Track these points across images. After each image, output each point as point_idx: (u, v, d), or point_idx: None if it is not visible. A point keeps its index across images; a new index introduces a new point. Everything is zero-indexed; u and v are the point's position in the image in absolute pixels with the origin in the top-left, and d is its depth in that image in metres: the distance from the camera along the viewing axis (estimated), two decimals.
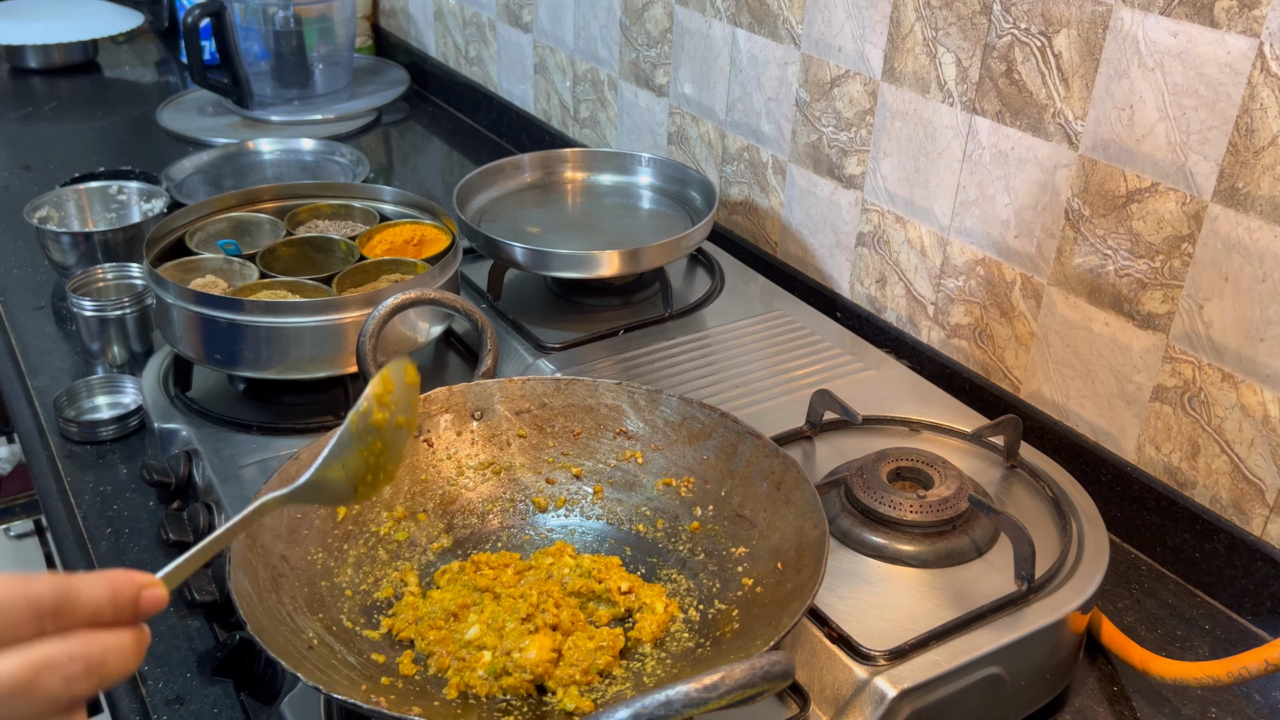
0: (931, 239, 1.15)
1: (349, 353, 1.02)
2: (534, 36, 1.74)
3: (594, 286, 1.23)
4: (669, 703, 0.52)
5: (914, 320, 1.20)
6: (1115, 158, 0.95)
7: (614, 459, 0.88)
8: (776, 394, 1.04)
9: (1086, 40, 0.95)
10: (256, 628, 0.66)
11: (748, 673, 0.52)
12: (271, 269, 1.11)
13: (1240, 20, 0.84)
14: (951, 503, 0.84)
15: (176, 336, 1.03)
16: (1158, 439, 0.98)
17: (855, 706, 0.73)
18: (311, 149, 1.69)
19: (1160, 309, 0.95)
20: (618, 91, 1.59)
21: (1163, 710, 0.84)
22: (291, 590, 0.73)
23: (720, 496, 0.84)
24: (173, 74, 2.19)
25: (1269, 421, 0.89)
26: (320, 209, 1.23)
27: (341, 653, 0.71)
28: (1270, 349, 0.88)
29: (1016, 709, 0.81)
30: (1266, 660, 0.72)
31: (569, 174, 1.38)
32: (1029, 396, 1.09)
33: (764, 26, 1.29)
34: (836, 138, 1.24)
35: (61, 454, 1.09)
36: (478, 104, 1.94)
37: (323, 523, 0.79)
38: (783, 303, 1.22)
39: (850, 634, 0.76)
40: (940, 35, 1.08)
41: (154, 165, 1.58)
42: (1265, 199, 0.85)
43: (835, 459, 0.94)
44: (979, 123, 1.06)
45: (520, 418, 0.89)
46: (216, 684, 0.84)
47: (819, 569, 0.70)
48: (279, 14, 1.85)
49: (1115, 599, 0.95)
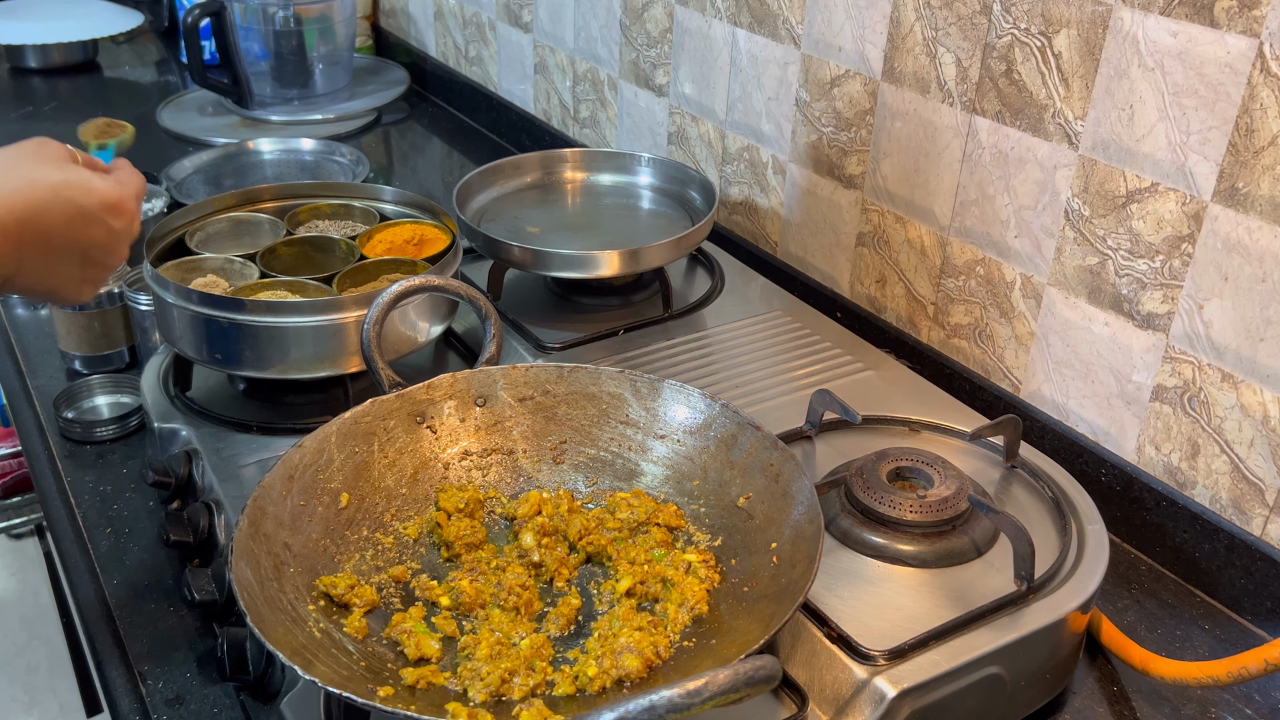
0: (931, 239, 1.15)
1: (349, 352, 1.02)
2: (534, 36, 1.74)
3: (594, 286, 1.23)
4: (652, 707, 0.52)
5: (914, 320, 1.20)
6: (1115, 158, 0.95)
7: (615, 447, 0.89)
8: (776, 394, 1.04)
9: (1086, 40, 0.95)
10: (257, 619, 0.66)
11: (732, 678, 0.52)
12: (271, 269, 1.11)
13: (1240, 20, 0.84)
14: (951, 503, 0.84)
15: (176, 336, 1.03)
16: (1158, 439, 0.98)
17: (855, 706, 0.73)
18: (311, 149, 1.69)
19: (1160, 309, 0.95)
20: (618, 91, 1.59)
21: (1163, 710, 0.84)
22: (294, 579, 0.73)
23: (719, 487, 0.84)
24: (173, 74, 2.19)
25: (1269, 421, 0.89)
26: (320, 209, 1.23)
27: (343, 642, 0.71)
28: (1270, 349, 0.88)
29: (1016, 709, 0.81)
30: (1266, 660, 0.72)
31: (569, 174, 1.38)
32: (1029, 396, 1.09)
33: (764, 26, 1.29)
34: (836, 138, 1.24)
35: (61, 454, 1.09)
36: (478, 104, 1.94)
37: (326, 510, 0.80)
38: (783, 303, 1.22)
39: (850, 634, 0.76)
40: (940, 35, 1.08)
41: (154, 165, 1.58)
42: (1265, 199, 0.85)
43: (835, 459, 0.94)
44: (979, 123, 1.07)
45: (523, 404, 0.90)
46: (216, 684, 0.84)
47: (812, 566, 0.70)
48: (279, 14, 1.85)
49: (1115, 599, 0.95)
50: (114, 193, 0.79)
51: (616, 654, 0.70)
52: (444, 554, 0.82)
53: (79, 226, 0.77)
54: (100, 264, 0.80)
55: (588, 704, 0.69)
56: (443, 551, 0.82)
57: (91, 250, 0.79)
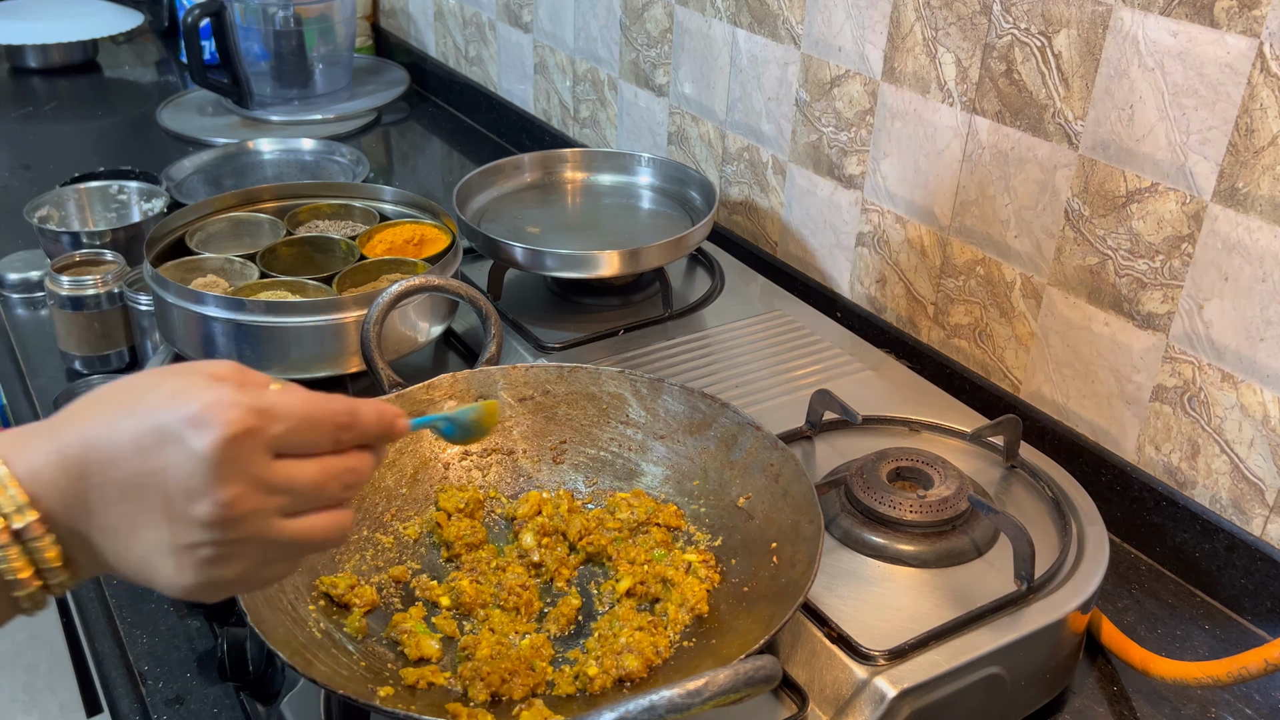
0: (931, 239, 1.15)
1: (349, 353, 1.02)
2: (534, 36, 1.74)
3: (594, 286, 1.23)
4: (652, 707, 0.52)
5: (914, 320, 1.20)
6: (1115, 158, 0.95)
7: (615, 447, 0.89)
8: (776, 394, 1.04)
9: (1086, 40, 0.95)
10: (257, 619, 0.66)
11: (732, 678, 0.52)
12: (271, 269, 1.11)
13: (1240, 20, 0.84)
14: (951, 503, 0.84)
15: (176, 336, 1.03)
16: (1158, 439, 0.98)
17: (855, 706, 0.73)
18: (311, 149, 1.69)
19: (1160, 309, 0.95)
20: (618, 91, 1.59)
21: (1163, 710, 0.84)
22: (294, 579, 0.73)
23: (719, 487, 0.84)
24: (173, 74, 2.19)
25: (1269, 421, 0.89)
26: (320, 209, 1.23)
27: (343, 642, 0.71)
28: (1270, 349, 0.88)
29: (1016, 709, 0.81)
30: (1266, 660, 0.72)
31: (569, 174, 1.38)
32: (1029, 396, 1.09)
33: (764, 26, 1.29)
34: (836, 138, 1.24)
35: None
36: (478, 104, 1.94)
37: None
38: (783, 303, 1.22)
39: (850, 634, 0.76)
40: (940, 35, 1.08)
41: (154, 165, 1.58)
42: (1265, 199, 0.85)
43: (835, 459, 0.94)
44: (979, 123, 1.07)
45: (523, 404, 0.90)
46: (216, 684, 0.84)
47: (812, 566, 0.71)
48: (279, 14, 1.85)
49: (1115, 599, 0.95)
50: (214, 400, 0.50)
51: (617, 654, 0.70)
52: (444, 554, 0.82)
53: (150, 449, 0.49)
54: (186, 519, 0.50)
55: (588, 704, 0.69)
56: (443, 551, 0.82)
57: (171, 491, 0.49)
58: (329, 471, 0.53)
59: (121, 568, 0.51)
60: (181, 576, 0.50)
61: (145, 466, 0.49)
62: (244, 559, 0.51)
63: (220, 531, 0.50)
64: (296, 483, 0.52)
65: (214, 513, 0.49)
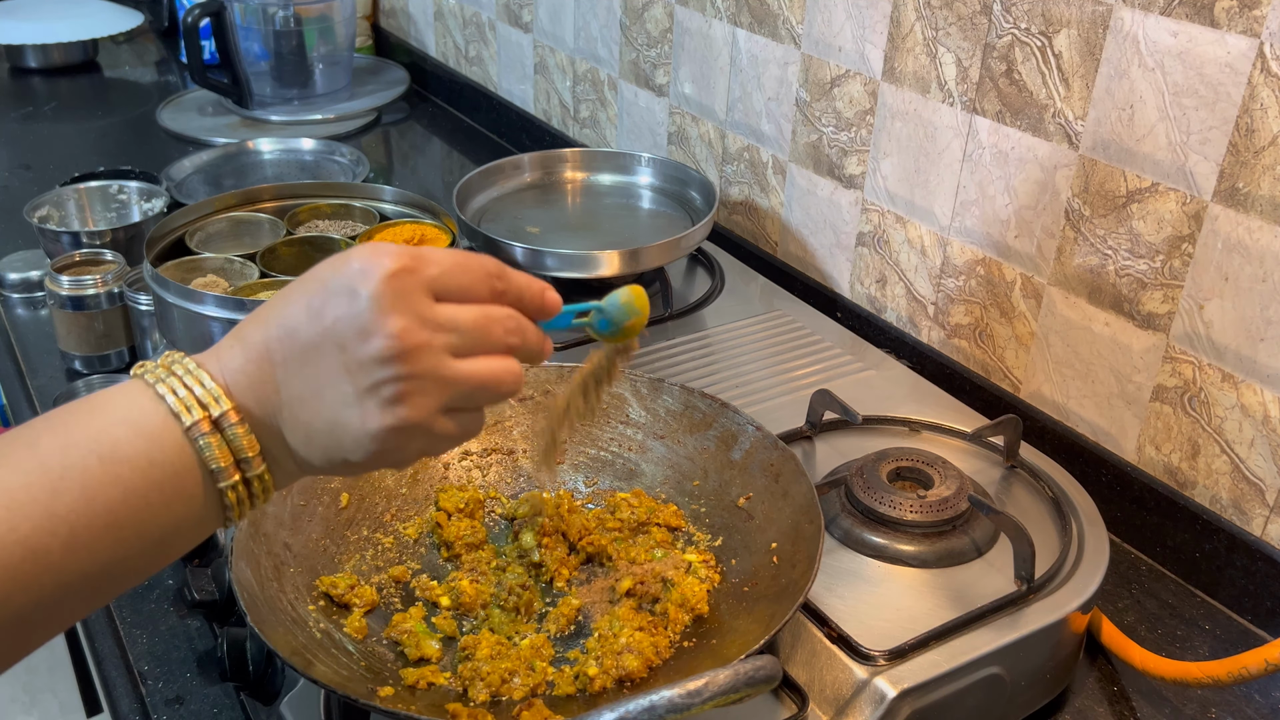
0: (931, 239, 1.15)
1: None
2: (534, 36, 1.74)
3: (594, 286, 1.23)
4: (652, 707, 0.52)
5: (914, 320, 1.20)
6: (1115, 158, 0.95)
7: (615, 447, 0.89)
8: (776, 394, 1.04)
9: (1086, 40, 0.95)
10: (257, 619, 0.66)
11: (732, 678, 0.52)
12: (271, 269, 1.11)
13: (1240, 20, 0.84)
14: (951, 503, 0.84)
15: (177, 336, 1.03)
16: (1158, 439, 0.98)
17: (855, 706, 0.73)
18: (311, 149, 1.69)
19: (1160, 309, 0.95)
20: (618, 91, 1.59)
21: (1163, 710, 0.84)
22: (294, 579, 0.73)
23: (719, 487, 0.84)
24: (173, 74, 2.19)
25: (1269, 421, 0.89)
26: (320, 209, 1.23)
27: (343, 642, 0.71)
28: (1270, 349, 0.88)
29: (1016, 709, 0.81)
30: (1266, 660, 0.72)
31: (569, 174, 1.38)
32: (1029, 396, 1.09)
33: (764, 26, 1.29)
34: (836, 138, 1.24)
35: None
36: (478, 104, 1.94)
37: (326, 510, 0.80)
38: (783, 303, 1.22)
39: (850, 634, 0.76)
40: (940, 35, 1.08)
41: (154, 165, 1.58)
42: (1265, 199, 0.85)
43: (835, 459, 0.94)
44: (979, 123, 1.07)
45: (523, 404, 0.90)
46: (216, 684, 0.84)
47: (812, 566, 0.71)
48: (279, 14, 1.85)
49: (1115, 599, 0.95)
50: (370, 250, 0.52)
51: (617, 654, 0.70)
52: (444, 554, 0.82)
53: (321, 309, 0.52)
54: (362, 361, 0.51)
55: (588, 704, 0.69)
56: (443, 551, 0.82)
57: (345, 339, 0.51)
58: (490, 315, 0.55)
59: (313, 448, 0.53)
60: (368, 423, 0.51)
61: (319, 325, 0.51)
62: (425, 397, 0.52)
63: (396, 366, 0.51)
64: (460, 321, 0.53)
65: (386, 344, 0.51)
